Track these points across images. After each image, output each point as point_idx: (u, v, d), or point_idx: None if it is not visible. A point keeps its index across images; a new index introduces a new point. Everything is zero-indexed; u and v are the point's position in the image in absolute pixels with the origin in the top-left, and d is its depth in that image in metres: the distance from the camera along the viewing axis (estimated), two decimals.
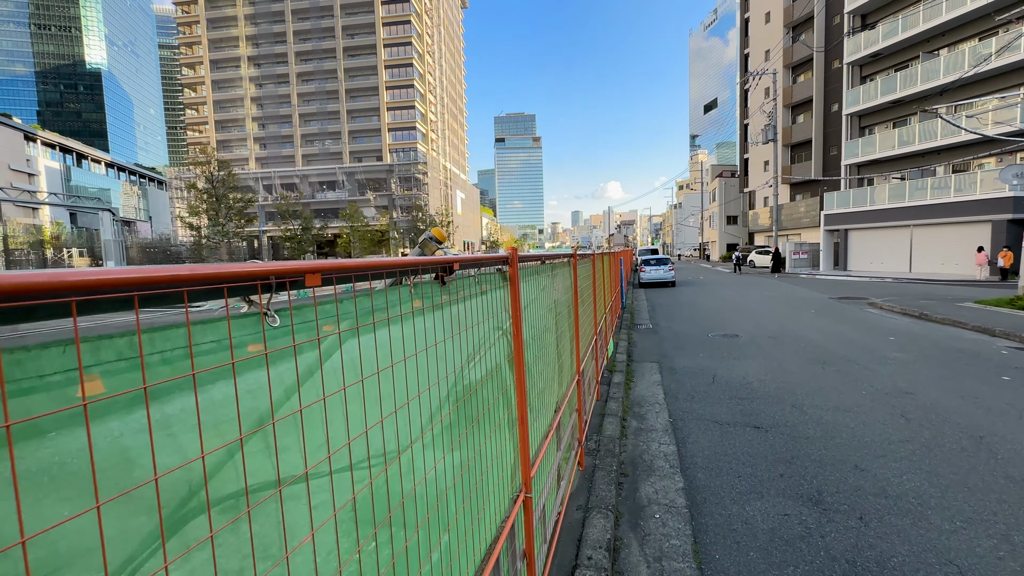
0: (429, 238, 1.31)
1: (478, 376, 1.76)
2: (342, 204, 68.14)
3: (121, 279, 0.50)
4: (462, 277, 1.70)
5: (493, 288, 2.04)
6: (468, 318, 1.68)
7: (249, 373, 0.78)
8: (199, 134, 75.16)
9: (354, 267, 0.95)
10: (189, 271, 0.59)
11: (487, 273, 1.94)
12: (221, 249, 24.66)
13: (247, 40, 72.15)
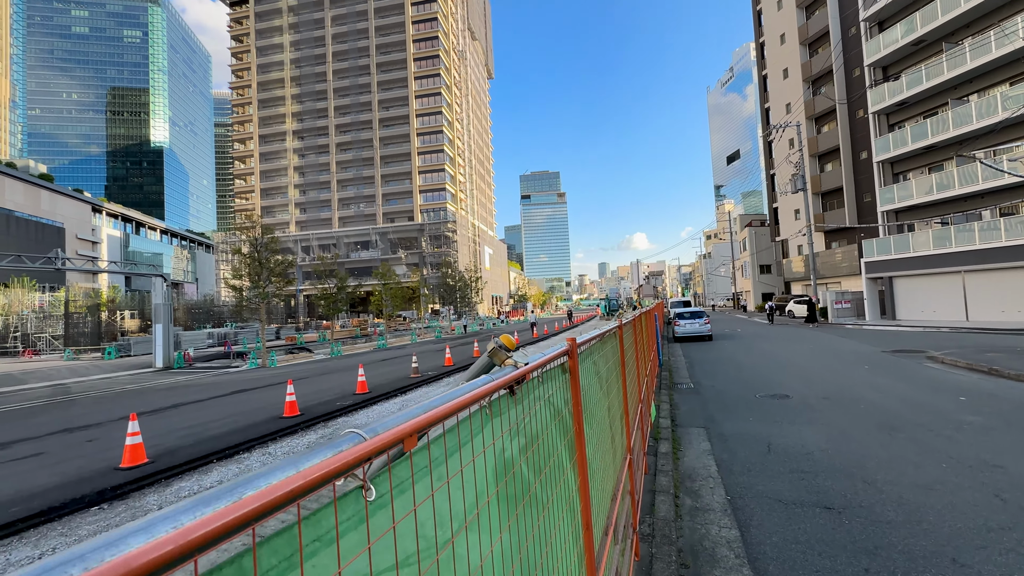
0: (499, 346, 1.26)
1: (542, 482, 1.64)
2: (375, 263, 70.47)
3: (239, 517, 0.47)
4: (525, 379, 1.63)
5: (553, 381, 1.94)
6: (532, 420, 1.59)
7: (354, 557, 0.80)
8: (246, 201, 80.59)
9: (442, 415, 0.94)
10: (303, 480, 0.58)
11: (549, 369, 1.86)
12: (261, 310, 25.55)
13: (293, 116, 78.62)
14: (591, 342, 2.78)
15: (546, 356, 1.70)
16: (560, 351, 1.94)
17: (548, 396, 1.77)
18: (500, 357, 1.48)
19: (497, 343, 1.51)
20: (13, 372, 24.93)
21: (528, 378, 1.47)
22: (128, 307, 50.41)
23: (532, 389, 1.63)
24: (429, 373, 15.90)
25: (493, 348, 1.49)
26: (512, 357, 1.49)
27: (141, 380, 19.70)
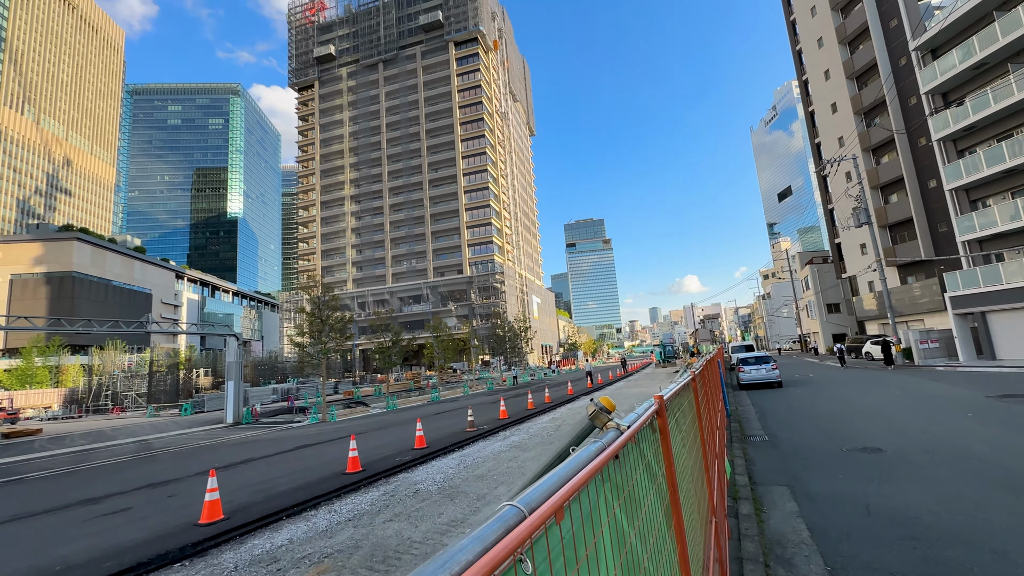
0: (600, 409, 1.25)
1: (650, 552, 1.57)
2: (427, 316, 72.34)
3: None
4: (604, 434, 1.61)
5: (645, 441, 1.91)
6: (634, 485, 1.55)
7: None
8: (308, 262, 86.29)
9: (579, 486, 0.97)
10: (493, 559, 0.62)
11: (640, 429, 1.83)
12: (322, 365, 26.63)
13: (351, 183, 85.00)
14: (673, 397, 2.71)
15: (642, 418, 1.68)
16: (650, 410, 1.91)
17: (645, 458, 1.73)
18: (602, 420, 1.48)
19: (598, 406, 1.52)
20: (104, 429, 27.01)
21: (632, 440, 1.47)
22: (203, 365, 54.05)
23: (630, 451, 1.61)
24: (485, 427, 15.74)
25: (595, 411, 1.50)
26: (614, 420, 1.49)
27: (214, 436, 20.74)
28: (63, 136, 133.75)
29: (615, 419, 1.50)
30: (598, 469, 1.09)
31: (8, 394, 42.56)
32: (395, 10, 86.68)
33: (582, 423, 1.59)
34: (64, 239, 77.24)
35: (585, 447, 1.26)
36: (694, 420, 3.70)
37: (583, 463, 1.11)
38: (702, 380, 5.81)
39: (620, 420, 1.55)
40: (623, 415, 1.81)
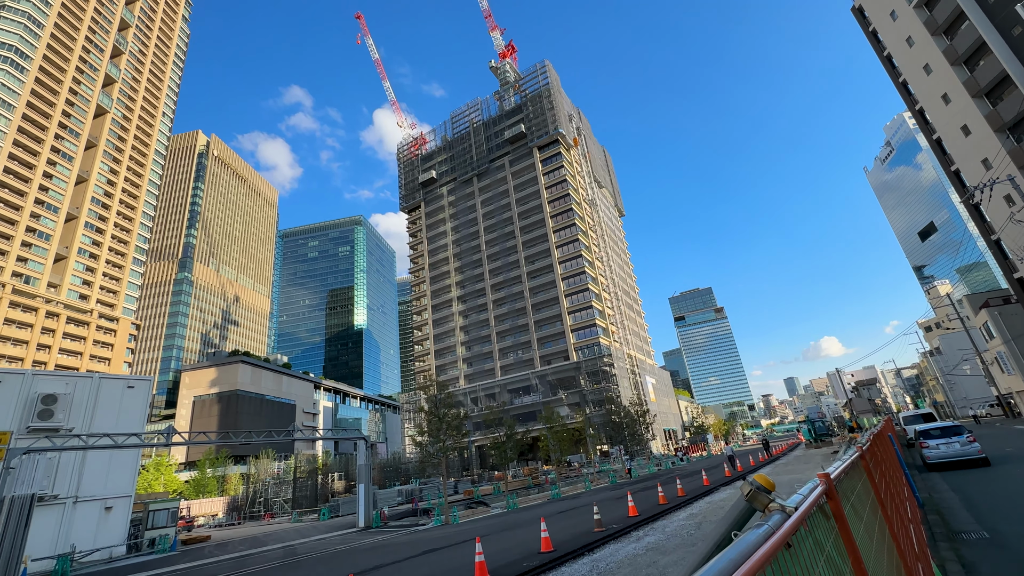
0: (757, 489, 1.11)
1: None
2: (538, 407, 71.23)
3: None
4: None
5: (819, 529, 1.63)
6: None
7: None
8: (423, 363, 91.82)
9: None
10: None
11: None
12: (442, 464, 26.97)
13: (456, 285, 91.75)
14: (841, 477, 2.31)
15: (809, 499, 1.46)
16: (817, 491, 1.66)
17: (824, 550, 1.47)
18: (762, 501, 1.31)
19: (755, 485, 1.36)
20: (258, 535, 29.39)
21: (803, 524, 1.26)
22: (336, 469, 57.72)
23: (803, 539, 1.39)
24: (614, 526, 14.35)
25: (752, 491, 1.34)
26: (776, 500, 1.31)
27: (349, 540, 21.44)
28: (234, 279, 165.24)
29: (777, 500, 1.32)
30: (768, 559, 0.92)
31: (187, 503, 48.84)
32: (483, 131, 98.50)
33: (734, 512, 1.42)
34: (231, 362, 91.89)
35: (749, 532, 1.16)
36: (875, 507, 3.06)
37: (749, 551, 0.91)
38: (873, 458, 4.88)
39: (783, 501, 1.37)
40: (784, 497, 1.60)
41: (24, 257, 73.31)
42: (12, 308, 70.08)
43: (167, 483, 61.10)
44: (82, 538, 22.97)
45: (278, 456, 73.63)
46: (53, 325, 75.10)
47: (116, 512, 24.58)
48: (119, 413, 25.69)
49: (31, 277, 73.98)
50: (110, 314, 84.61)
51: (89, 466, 24.10)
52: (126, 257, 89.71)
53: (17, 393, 22.95)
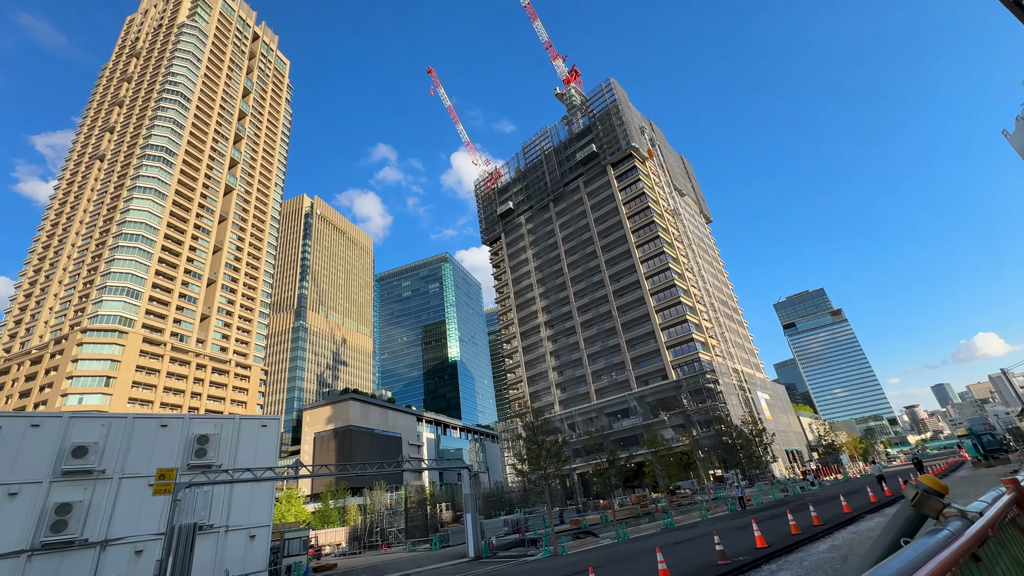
0: (925, 492, 0.92)
1: None
2: (638, 430, 68.04)
3: None
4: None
5: (1013, 544, 1.33)
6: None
7: None
8: (517, 391, 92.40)
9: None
10: None
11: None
12: (546, 492, 26.54)
13: (542, 311, 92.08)
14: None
15: (996, 506, 1.26)
16: (1004, 498, 1.36)
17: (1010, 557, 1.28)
18: (934, 506, 1.13)
19: (922, 488, 1.18)
20: (377, 563, 30.85)
21: (994, 534, 1.14)
22: (443, 499, 59.23)
23: (997, 556, 1.22)
24: (740, 558, 13.01)
25: (919, 496, 1.16)
26: (953, 505, 1.17)
27: (462, 570, 21.70)
28: (340, 323, 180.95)
29: (954, 504, 1.18)
30: (948, 568, 0.77)
31: (314, 533, 52.86)
32: (555, 157, 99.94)
33: (900, 520, 1.21)
34: (343, 400, 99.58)
35: (923, 537, 1.03)
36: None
37: (925, 557, 0.78)
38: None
39: (963, 506, 1.21)
40: (963, 503, 1.37)
41: (179, 319, 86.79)
42: (172, 363, 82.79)
43: (297, 514, 66.82)
44: (233, 563, 25.73)
45: (389, 487, 77.51)
46: (202, 375, 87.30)
47: (258, 540, 27.28)
48: (256, 450, 28.82)
49: (184, 335, 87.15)
50: (244, 362, 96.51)
51: (235, 498, 27.15)
52: (253, 312, 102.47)
53: (179, 435, 26.77)
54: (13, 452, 22.62)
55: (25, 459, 22.87)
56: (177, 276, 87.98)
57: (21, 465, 22.68)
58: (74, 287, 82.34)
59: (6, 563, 21.21)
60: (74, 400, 70.54)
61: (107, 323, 76.16)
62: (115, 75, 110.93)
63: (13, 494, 22.03)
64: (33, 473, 22.81)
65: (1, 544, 21.14)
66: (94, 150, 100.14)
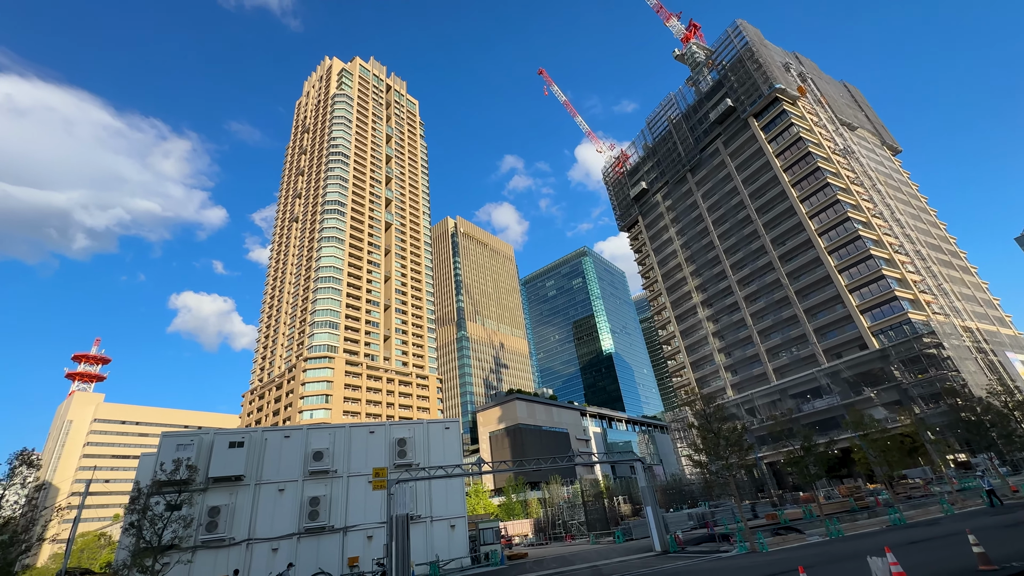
0: None
1: None
2: (836, 411, 58.87)
3: None
4: None
5: None
6: None
7: None
8: (680, 378, 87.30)
9: None
10: None
11: None
12: (731, 484, 24.55)
13: (696, 290, 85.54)
14: None
15: None
16: None
17: None
18: None
19: None
20: (564, 554, 31.96)
21: None
22: (619, 492, 58.74)
23: None
24: (1014, 564, 10.27)
25: None
26: None
27: (649, 564, 21.25)
28: (496, 329, 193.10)
29: None
30: None
31: (503, 524, 57.08)
32: (685, 124, 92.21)
33: None
34: (509, 400, 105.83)
35: None
36: None
37: None
38: None
39: None
40: None
41: (368, 342, 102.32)
42: (368, 379, 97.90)
43: (485, 507, 72.99)
44: (440, 549, 29.24)
45: (564, 481, 79.75)
46: (392, 388, 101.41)
47: (458, 529, 30.53)
48: (444, 450, 32.38)
49: (374, 355, 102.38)
50: (422, 373, 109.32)
51: (434, 493, 30.86)
52: (423, 328, 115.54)
53: (384, 439, 31.50)
54: (276, 458, 29.03)
55: (285, 463, 29.16)
56: (361, 306, 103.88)
57: (283, 468, 28.98)
58: (294, 326, 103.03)
59: (286, 542, 27.33)
60: (307, 415, 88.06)
61: (319, 352, 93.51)
62: (295, 150, 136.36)
63: (281, 490, 28.25)
64: (292, 473, 28.97)
65: (281, 528, 27.37)
66: (290, 214, 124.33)
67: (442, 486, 31.08)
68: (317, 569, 25.92)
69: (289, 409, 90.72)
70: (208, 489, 26.65)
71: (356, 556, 27.32)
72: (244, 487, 27.33)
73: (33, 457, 16.95)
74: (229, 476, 26.96)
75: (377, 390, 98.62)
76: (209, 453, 27.23)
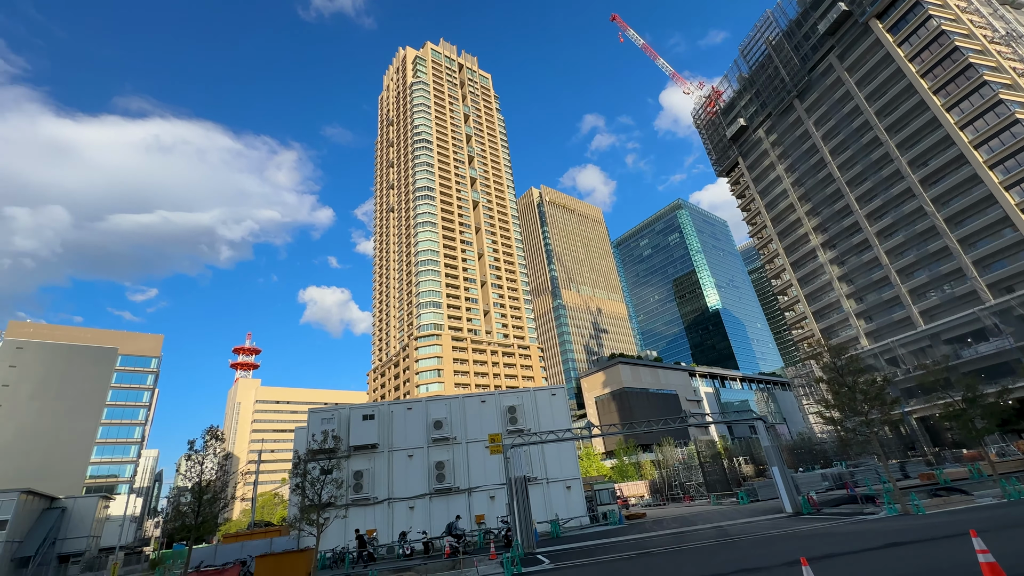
0: None
1: None
2: (1010, 354, 49.92)
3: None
4: None
5: None
6: None
7: None
8: (801, 330, 79.54)
9: None
10: None
11: None
12: (872, 442, 22.14)
13: (814, 231, 76.32)
14: None
15: None
16: None
17: None
18: None
19: None
20: (684, 515, 31.53)
21: None
22: (739, 453, 56.01)
23: None
24: None
25: None
26: None
27: (780, 525, 20.16)
28: (591, 294, 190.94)
29: None
30: None
31: (617, 486, 57.66)
32: (786, 44, 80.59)
33: None
34: (612, 365, 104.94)
35: None
36: None
37: None
38: None
39: None
40: None
41: (469, 318, 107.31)
42: (473, 353, 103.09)
43: (598, 469, 74.19)
44: (559, 509, 30.47)
45: (677, 443, 77.90)
46: (496, 359, 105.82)
47: (574, 490, 31.50)
48: (552, 415, 33.29)
49: (476, 330, 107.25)
50: (523, 344, 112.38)
51: (548, 456, 32.03)
52: (519, 300, 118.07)
53: (494, 408, 33.20)
54: (403, 428, 32.04)
55: (410, 432, 32.10)
56: (460, 284, 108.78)
57: (409, 436, 31.94)
58: (402, 308, 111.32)
59: (420, 501, 30.37)
60: (423, 389, 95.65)
61: (427, 330, 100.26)
62: (383, 143, 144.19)
63: (410, 456, 31.22)
64: (417, 441, 31.84)
65: (415, 489, 30.42)
66: (386, 205, 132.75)
67: (554, 450, 32.11)
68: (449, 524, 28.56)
69: (407, 384, 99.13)
70: (351, 456, 30.40)
71: (482, 514, 29.55)
72: (379, 454, 30.72)
73: (219, 432, 20.69)
74: (366, 444, 30.46)
75: (483, 362, 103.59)
76: (347, 425, 30.92)
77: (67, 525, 55.16)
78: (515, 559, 16.36)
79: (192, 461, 19.52)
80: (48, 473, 71.30)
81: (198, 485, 18.94)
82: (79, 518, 56.72)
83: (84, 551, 57.35)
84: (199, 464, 19.22)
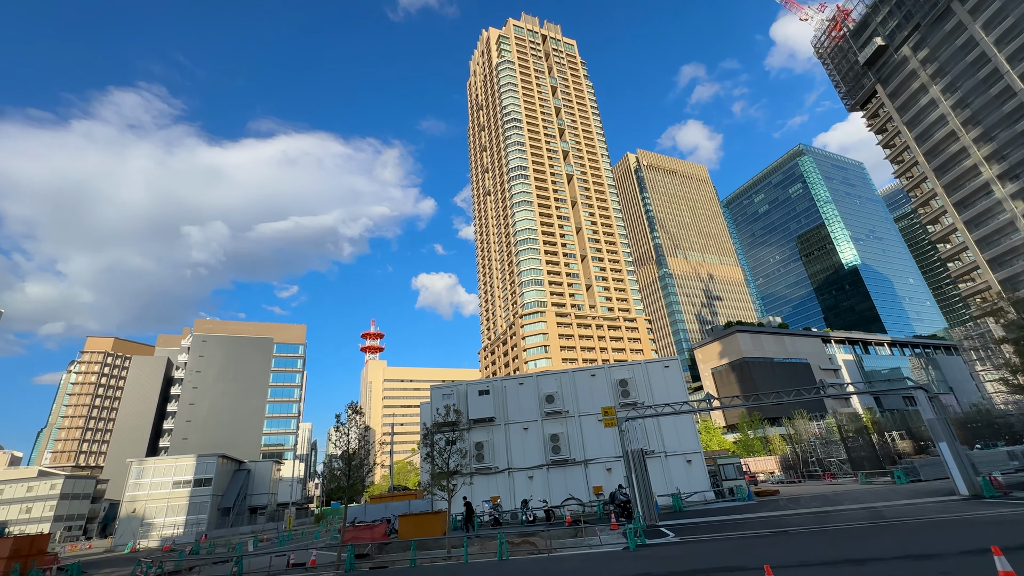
0: None
1: None
2: None
3: None
4: None
5: None
6: None
7: None
8: (972, 282, 66.48)
9: None
10: None
11: None
12: None
13: (988, 160, 62.53)
14: None
15: None
16: None
17: None
18: None
19: None
20: (827, 494, 28.66)
21: None
22: (892, 427, 49.14)
23: None
24: None
25: None
26: None
27: (951, 510, 17.39)
28: (701, 260, 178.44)
29: None
30: None
31: (743, 460, 54.20)
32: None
33: None
34: (729, 333, 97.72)
35: None
36: None
37: None
38: None
39: None
40: None
41: (572, 293, 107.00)
42: (579, 328, 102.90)
43: (719, 443, 70.37)
44: (679, 482, 29.58)
45: (812, 416, 70.62)
46: (602, 333, 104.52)
47: (695, 464, 30.30)
48: (667, 387, 32.11)
49: (579, 304, 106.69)
50: (629, 316, 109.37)
51: (664, 429, 31.12)
52: (621, 272, 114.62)
53: (605, 381, 32.95)
54: (516, 402, 33.28)
55: (524, 406, 33.25)
56: (560, 260, 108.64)
57: (523, 410, 33.10)
58: (506, 288, 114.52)
59: (538, 471, 31.51)
60: (531, 365, 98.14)
61: (531, 308, 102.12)
62: (475, 129, 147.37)
63: (525, 428, 32.40)
64: (531, 415, 32.90)
65: (532, 460, 31.63)
66: (483, 189, 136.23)
67: (671, 423, 31.06)
68: (568, 495, 29.33)
69: (516, 361, 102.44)
70: (471, 428, 32.45)
71: (599, 485, 29.80)
72: (496, 426, 32.36)
73: (359, 407, 23.44)
74: (483, 418, 32.26)
75: (588, 336, 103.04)
76: (465, 400, 32.97)
77: (252, 484, 66.89)
78: (638, 530, 16.28)
79: (340, 432, 22.35)
80: (233, 442, 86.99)
81: (347, 453, 21.68)
82: (260, 478, 68.45)
83: (266, 505, 69.13)
84: (346, 435, 21.94)
